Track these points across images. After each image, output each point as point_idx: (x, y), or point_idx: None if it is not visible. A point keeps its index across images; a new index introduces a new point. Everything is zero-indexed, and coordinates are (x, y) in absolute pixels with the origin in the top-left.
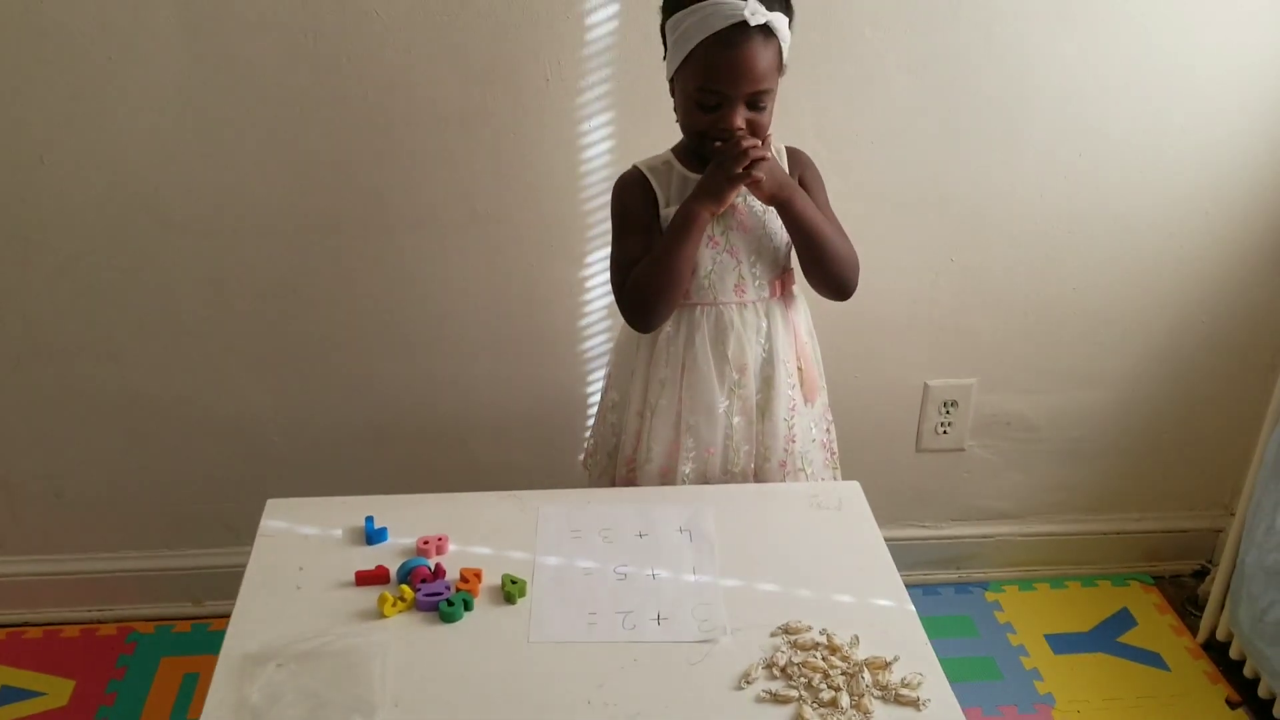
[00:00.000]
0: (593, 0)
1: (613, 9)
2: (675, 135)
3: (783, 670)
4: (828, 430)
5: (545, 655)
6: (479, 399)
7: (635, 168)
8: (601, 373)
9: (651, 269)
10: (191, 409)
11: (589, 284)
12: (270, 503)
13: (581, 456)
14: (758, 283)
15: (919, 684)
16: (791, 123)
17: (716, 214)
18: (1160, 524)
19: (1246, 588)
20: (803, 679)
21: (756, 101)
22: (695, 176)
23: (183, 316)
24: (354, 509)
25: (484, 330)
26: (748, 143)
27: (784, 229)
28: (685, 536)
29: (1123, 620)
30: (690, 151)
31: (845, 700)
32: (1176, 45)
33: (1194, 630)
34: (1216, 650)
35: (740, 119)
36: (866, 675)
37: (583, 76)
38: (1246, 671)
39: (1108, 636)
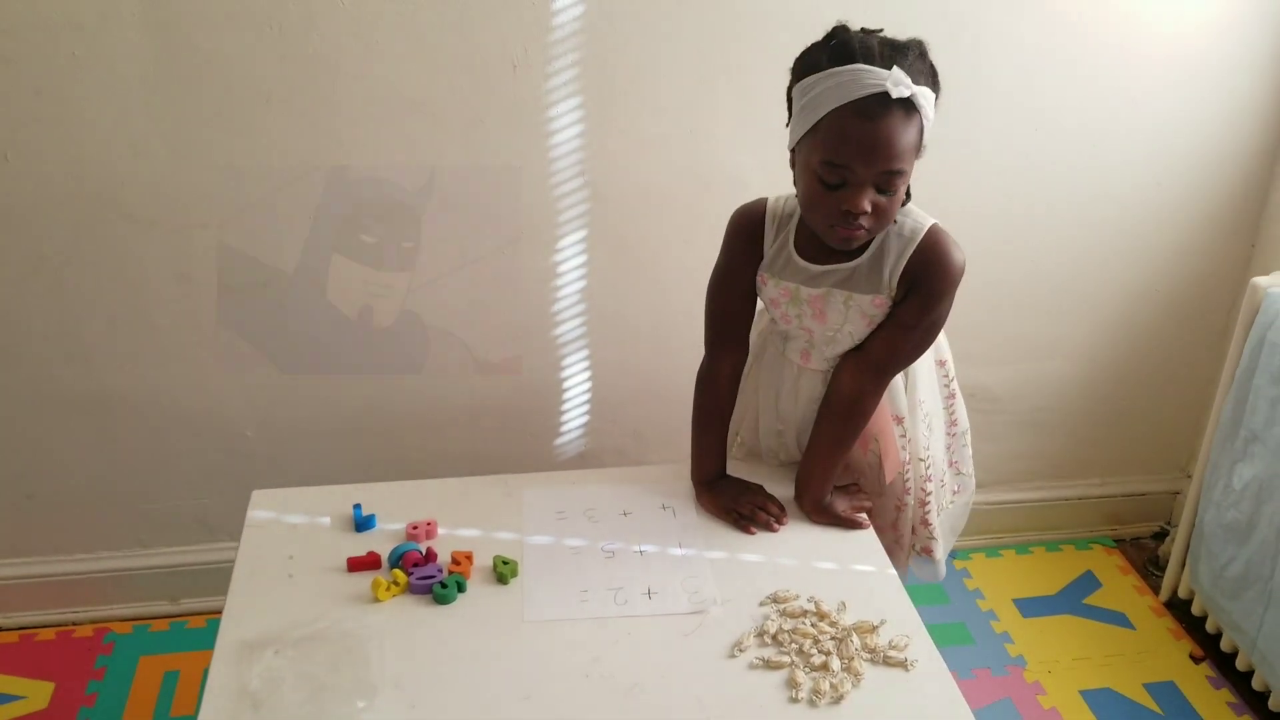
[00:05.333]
0: None
1: None
2: (644, 117)
3: (774, 637)
4: (899, 503)
5: (541, 632)
6: (453, 388)
7: (763, 206)
8: (574, 358)
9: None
10: (163, 406)
11: (560, 269)
12: (256, 494)
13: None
14: (824, 360)
15: (906, 645)
16: (747, 105)
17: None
18: (1120, 488)
19: (1206, 546)
20: (794, 645)
21: (887, 184)
22: (792, 253)
23: (152, 313)
24: (340, 497)
25: (457, 319)
26: (766, 527)
27: (860, 333)
28: (669, 513)
29: (1087, 583)
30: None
31: (836, 664)
32: (1122, 20)
33: (1156, 590)
34: (1178, 608)
35: (866, 202)
36: (855, 639)
37: (550, 62)
38: (1208, 627)
39: (1074, 599)
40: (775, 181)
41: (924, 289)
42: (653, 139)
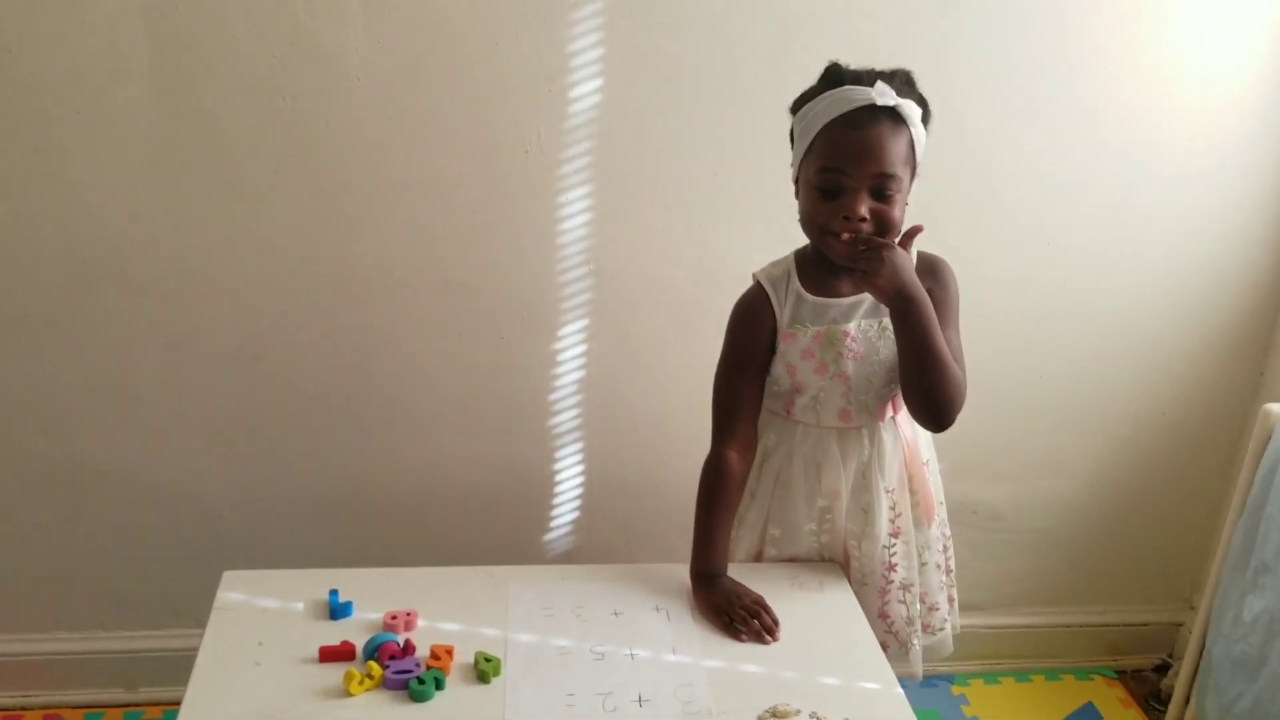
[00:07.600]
0: (576, 73)
1: (596, 83)
2: (654, 209)
3: None
4: (944, 549)
5: None
6: (441, 473)
7: (757, 284)
8: (569, 449)
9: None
10: (137, 478)
11: (560, 357)
12: (227, 574)
13: None
14: (865, 411)
15: None
16: (758, 200)
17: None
18: (1122, 617)
19: (1214, 679)
20: None
21: (883, 190)
22: (809, 298)
23: (135, 381)
24: (316, 581)
25: (450, 403)
26: (756, 637)
27: (892, 357)
28: (663, 615)
29: (1088, 715)
30: (810, 259)
31: None
32: (1133, 138)
33: None
34: None
35: (863, 206)
36: None
37: (563, 149)
38: None
39: None
40: None
41: (937, 282)
42: (661, 230)
